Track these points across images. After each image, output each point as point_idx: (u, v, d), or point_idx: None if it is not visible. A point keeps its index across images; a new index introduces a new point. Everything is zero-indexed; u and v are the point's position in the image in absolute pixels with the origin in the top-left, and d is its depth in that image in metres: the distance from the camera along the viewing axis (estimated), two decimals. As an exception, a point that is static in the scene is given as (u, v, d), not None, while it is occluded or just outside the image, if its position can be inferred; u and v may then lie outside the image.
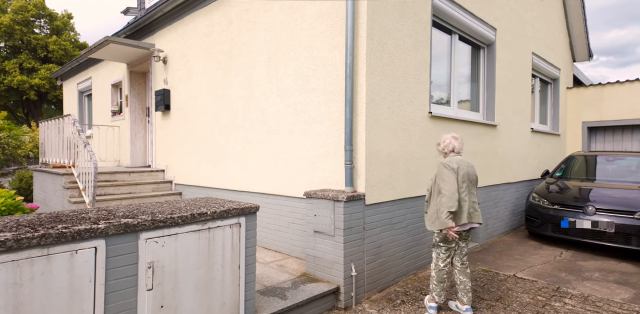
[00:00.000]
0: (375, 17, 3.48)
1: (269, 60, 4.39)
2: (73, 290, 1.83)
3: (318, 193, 3.44)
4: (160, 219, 2.14)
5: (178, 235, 2.24)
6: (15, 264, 1.66)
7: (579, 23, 8.94)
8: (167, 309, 2.18)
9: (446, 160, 3.07)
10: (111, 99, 8.38)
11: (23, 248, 1.68)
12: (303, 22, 3.96)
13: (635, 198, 5.02)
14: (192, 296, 2.31)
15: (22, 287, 1.67)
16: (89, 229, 1.87)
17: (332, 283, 3.33)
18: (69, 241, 1.81)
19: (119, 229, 1.98)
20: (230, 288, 2.51)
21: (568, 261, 4.65)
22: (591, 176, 6.40)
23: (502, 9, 5.77)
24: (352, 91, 3.42)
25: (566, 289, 3.71)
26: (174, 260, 2.22)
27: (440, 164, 3.05)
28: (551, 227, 5.38)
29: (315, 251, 3.52)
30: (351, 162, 3.42)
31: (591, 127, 8.87)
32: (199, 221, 2.34)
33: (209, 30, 5.40)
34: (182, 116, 6.05)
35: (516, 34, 6.25)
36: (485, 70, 5.69)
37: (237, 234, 2.56)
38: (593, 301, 3.41)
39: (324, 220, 3.39)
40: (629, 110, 8.29)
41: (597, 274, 4.18)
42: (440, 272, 3.07)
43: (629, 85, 8.36)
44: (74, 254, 1.83)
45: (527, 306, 3.31)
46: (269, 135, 4.41)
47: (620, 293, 3.63)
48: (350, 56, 3.39)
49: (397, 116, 3.79)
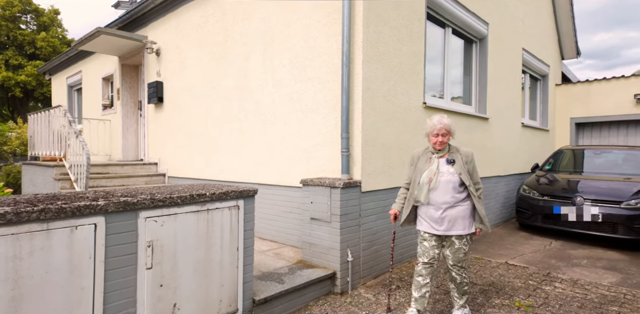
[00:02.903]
0: (371, 6, 3.52)
1: (264, 50, 4.39)
2: (73, 266, 1.82)
3: (315, 180, 3.46)
4: (159, 199, 2.14)
5: (177, 215, 2.24)
6: (14, 238, 1.65)
7: (568, 21, 9.12)
8: (166, 289, 2.18)
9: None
10: (102, 92, 8.27)
11: (23, 222, 1.67)
12: (299, 12, 3.98)
13: (621, 189, 5.15)
14: (191, 276, 2.31)
15: (21, 261, 1.66)
16: (89, 205, 1.86)
17: (329, 268, 3.35)
18: (69, 217, 1.81)
19: (118, 207, 1.97)
20: (228, 270, 2.52)
21: (557, 250, 4.76)
22: (579, 168, 6.54)
23: (494, 4, 5.86)
24: (349, 79, 3.45)
25: (556, 274, 3.79)
26: (173, 240, 2.22)
27: (471, 152, 2.76)
28: (541, 218, 5.49)
29: (311, 238, 3.54)
30: (347, 150, 3.45)
31: (579, 123, 9.06)
32: (198, 202, 2.34)
33: (203, 21, 5.38)
34: (175, 108, 6.01)
35: (507, 29, 6.36)
36: (477, 64, 5.78)
37: (235, 216, 2.57)
38: (582, 285, 3.50)
39: (321, 207, 3.41)
40: (615, 106, 8.49)
41: (585, 261, 4.28)
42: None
43: (614, 82, 8.57)
44: (74, 230, 1.83)
45: (519, 289, 3.38)
46: (264, 125, 4.42)
47: (607, 277, 3.73)
48: (347, 44, 3.42)
49: (392, 106, 3.83)
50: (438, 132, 2.65)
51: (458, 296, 2.77)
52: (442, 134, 2.65)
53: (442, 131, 2.65)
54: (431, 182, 2.62)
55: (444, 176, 2.62)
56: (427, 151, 2.79)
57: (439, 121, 2.67)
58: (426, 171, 2.67)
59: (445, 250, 2.72)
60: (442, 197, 2.61)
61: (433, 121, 2.70)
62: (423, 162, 2.74)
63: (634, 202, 4.87)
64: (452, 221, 2.60)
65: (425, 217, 2.71)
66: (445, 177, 2.61)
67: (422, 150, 2.84)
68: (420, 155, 2.79)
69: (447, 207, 2.60)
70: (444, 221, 2.61)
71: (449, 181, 2.61)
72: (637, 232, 4.72)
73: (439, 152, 2.71)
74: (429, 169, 2.66)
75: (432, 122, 2.70)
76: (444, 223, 2.61)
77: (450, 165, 2.64)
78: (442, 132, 2.65)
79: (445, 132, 2.66)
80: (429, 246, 2.71)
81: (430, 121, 2.73)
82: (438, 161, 2.68)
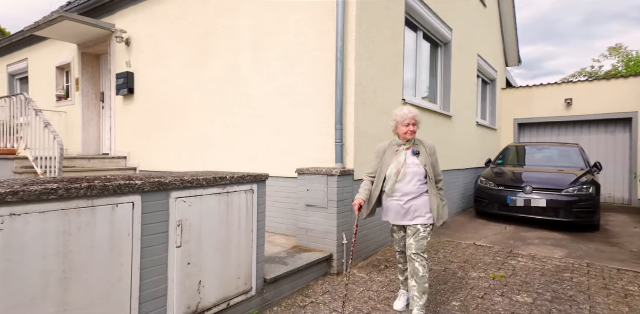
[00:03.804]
0: (364, 6, 3.79)
1: (255, 44, 4.48)
2: (113, 243, 1.85)
3: (311, 170, 3.65)
4: (188, 180, 2.22)
5: (203, 197, 2.32)
6: (64, 213, 1.66)
7: (512, 31, 10.17)
8: (193, 267, 2.26)
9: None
10: (56, 83, 7.70)
11: (72, 198, 1.69)
12: (292, 9, 4.14)
13: (561, 179, 5.95)
14: (214, 256, 2.40)
15: (70, 236, 1.68)
16: (128, 184, 1.91)
17: (325, 251, 3.56)
18: (111, 195, 1.84)
19: (153, 187, 2.02)
20: (245, 251, 2.64)
21: (513, 233, 5.39)
22: (524, 162, 7.40)
23: (457, 12, 6.45)
24: (343, 74, 3.69)
25: (517, 251, 4.34)
26: (199, 221, 2.30)
27: (434, 144, 2.85)
28: (497, 206, 6.14)
29: (307, 223, 3.72)
30: (341, 141, 3.69)
31: (521, 124, 10.14)
32: (220, 185, 2.44)
33: (181, 12, 5.31)
34: (148, 100, 5.84)
35: (467, 36, 7.00)
36: (442, 66, 6.31)
37: (250, 200, 2.69)
38: (539, 259, 4.06)
39: (317, 194, 3.61)
40: (550, 109, 9.64)
41: (537, 240, 4.92)
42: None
43: (550, 87, 9.72)
44: (115, 208, 1.86)
45: (490, 265, 3.84)
46: (254, 119, 4.51)
47: (557, 252, 4.34)
48: (341, 41, 3.66)
49: (379, 101, 4.13)
50: (409, 122, 2.68)
51: (418, 296, 2.53)
52: (412, 123, 2.68)
53: (413, 121, 2.68)
54: (399, 174, 2.64)
55: (410, 167, 2.66)
56: (393, 144, 2.80)
57: (409, 110, 2.70)
58: (394, 163, 2.69)
59: (409, 239, 2.64)
60: (407, 188, 2.64)
61: (404, 111, 2.70)
62: (390, 155, 2.75)
63: (571, 190, 5.67)
64: (416, 211, 2.64)
65: (390, 209, 2.73)
66: (412, 169, 2.65)
67: (387, 144, 2.85)
68: (387, 148, 2.80)
69: (411, 198, 2.64)
70: (409, 211, 2.64)
71: (415, 172, 2.65)
72: (575, 215, 5.50)
73: (406, 144, 2.73)
74: (396, 161, 2.68)
75: (402, 112, 2.70)
76: (409, 213, 2.64)
77: (416, 157, 2.69)
78: (412, 122, 2.68)
79: (416, 122, 2.70)
80: (398, 238, 2.80)
81: (400, 111, 2.73)
82: (405, 152, 2.70)
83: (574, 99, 9.29)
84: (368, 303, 2.93)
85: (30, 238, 1.55)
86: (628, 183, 8.76)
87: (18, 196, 1.51)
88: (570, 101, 9.30)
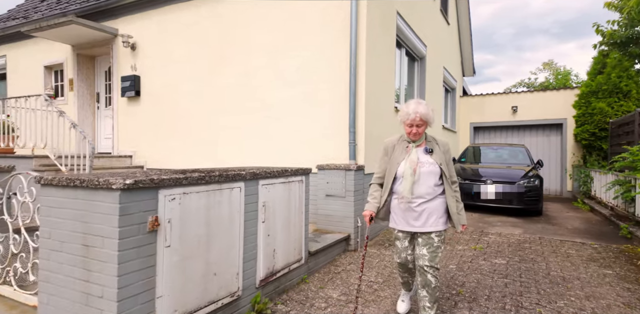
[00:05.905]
0: (370, 23, 4.59)
1: (272, 56, 5.10)
2: (232, 216, 2.48)
3: (330, 165, 4.39)
4: (269, 172, 2.87)
5: (275, 184, 2.98)
6: (207, 194, 2.27)
7: (468, 45, 11.59)
8: (271, 238, 2.91)
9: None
10: (44, 82, 7.67)
11: (210, 182, 2.30)
12: (307, 24, 4.83)
13: (513, 173, 7.21)
14: (281, 230, 3.06)
15: (209, 210, 2.29)
16: (238, 174, 2.54)
17: (344, 232, 4.31)
18: (230, 181, 2.46)
19: (250, 176, 2.66)
20: (297, 228, 3.32)
21: (479, 218, 6.51)
22: (482, 160, 8.68)
23: (430, 30, 7.50)
24: (355, 84, 4.46)
25: (487, 231, 5.40)
26: (273, 202, 2.95)
27: (448, 142, 2.56)
28: (464, 196, 7.27)
29: (326, 210, 4.45)
30: (354, 141, 4.47)
31: (476, 127, 11.59)
32: (284, 175, 3.11)
33: (193, 21, 5.77)
34: (157, 102, 6.19)
35: (436, 50, 8.11)
36: (418, 77, 7.33)
37: (302, 187, 3.37)
38: (505, 235, 5.14)
39: (336, 185, 4.35)
40: (500, 114, 11.16)
41: (499, 223, 6.06)
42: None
43: (499, 96, 11.25)
44: (232, 191, 2.49)
45: (469, 240, 4.83)
46: (269, 120, 5.13)
47: (516, 230, 5.47)
48: (354, 57, 4.43)
49: (380, 107, 4.97)
50: (412, 123, 2.32)
51: (430, 305, 2.37)
52: (416, 124, 2.32)
53: (417, 122, 2.31)
54: (416, 174, 2.33)
55: (425, 166, 2.35)
56: (402, 139, 2.49)
57: (414, 109, 2.30)
58: (404, 161, 2.38)
59: (421, 249, 2.36)
60: (421, 189, 2.34)
61: (408, 109, 2.33)
62: (399, 151, 2.43)
63: (522, 183, 6.91)
64: (429, 216, 2.35)
65: (399, 213, 2.44)
66: (427, 168, 2.35)
67: (395, 138, 2.52)
68: (395, 144, 2.49)
69: (424, 201, 2.35)
70: (421, 215, 2.35)
71: (430, 172, 2.35)
72: (526, 203, 6.74)
73: (415, 142, 2.42)
74: (409, 160, 2.35)
75: (407, 110, 2.34)
76: (420, 218, 2.35)
77: (429, 155, 2.39)
78: (416, 123, 2.32)
79: (421, 123, 2.32)
80: (401, 247, 2.51)
81: (405, 108, 2.36)
82: (416, 150, 2.39)
83: (518, 106, 10.86)
84: (385, 269, 3.72)
85: (193, 209, 2.15)
86: (560, 177, 10.46)
87: (187, 180, 2.10)
88: (515, 108, 10.85)
